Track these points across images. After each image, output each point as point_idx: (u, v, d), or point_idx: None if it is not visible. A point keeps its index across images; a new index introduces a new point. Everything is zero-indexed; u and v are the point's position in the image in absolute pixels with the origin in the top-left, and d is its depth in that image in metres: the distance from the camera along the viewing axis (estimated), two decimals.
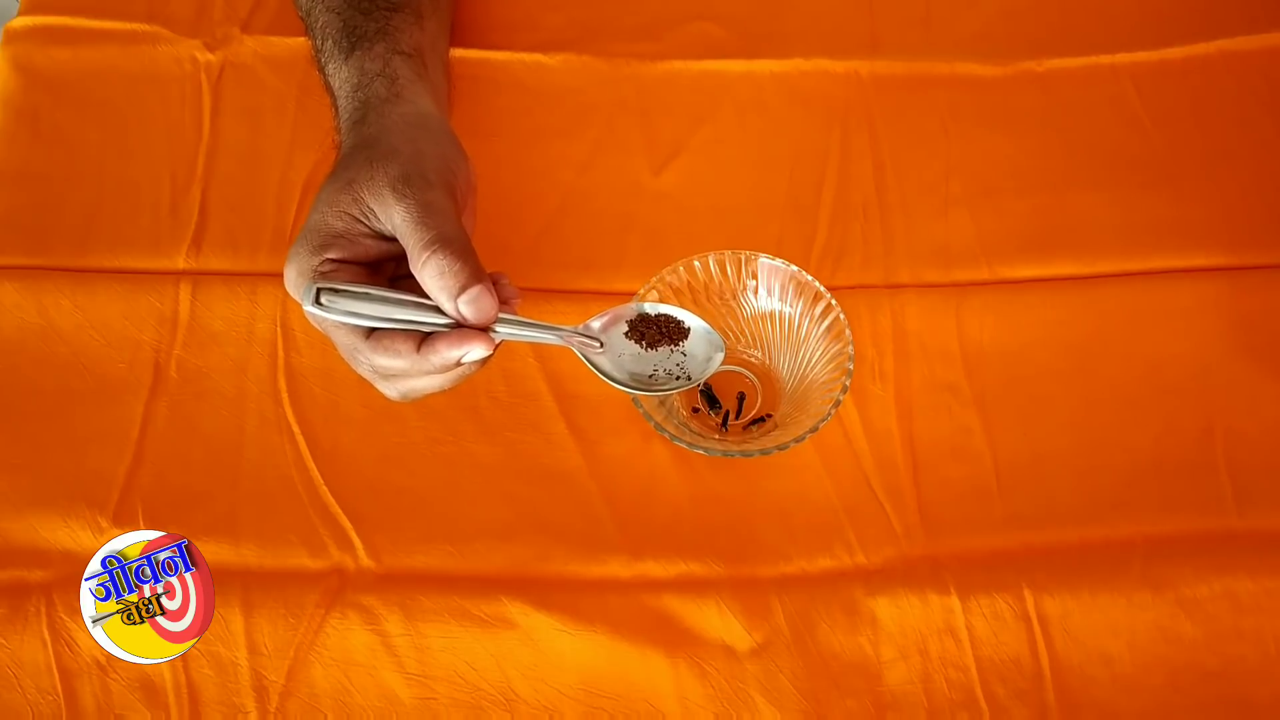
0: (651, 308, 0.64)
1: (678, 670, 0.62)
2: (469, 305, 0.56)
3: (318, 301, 0.56)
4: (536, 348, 0.69)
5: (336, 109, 0.68)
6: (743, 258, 0.69)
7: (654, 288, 0.68)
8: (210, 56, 0.79)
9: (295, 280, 0.59)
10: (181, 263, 0.72)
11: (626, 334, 0.64)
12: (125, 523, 0.65)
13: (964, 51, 0.79)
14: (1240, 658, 0.62)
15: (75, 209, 0.74)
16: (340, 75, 0.68)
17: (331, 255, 0.59)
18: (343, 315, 0.57)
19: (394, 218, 0.58)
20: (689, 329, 0.64)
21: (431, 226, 0.57)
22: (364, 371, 0.61)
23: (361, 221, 0.59)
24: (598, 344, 0.62)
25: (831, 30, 0.81)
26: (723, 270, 0.69)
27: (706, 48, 0.80)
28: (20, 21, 0.80)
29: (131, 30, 0.79)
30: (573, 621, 0.62)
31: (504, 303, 0.58)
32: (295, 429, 0.68)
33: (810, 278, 0.67)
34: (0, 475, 0.66)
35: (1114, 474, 0.66)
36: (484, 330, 0.57)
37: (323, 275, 0.58)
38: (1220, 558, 0.63)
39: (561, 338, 0.61)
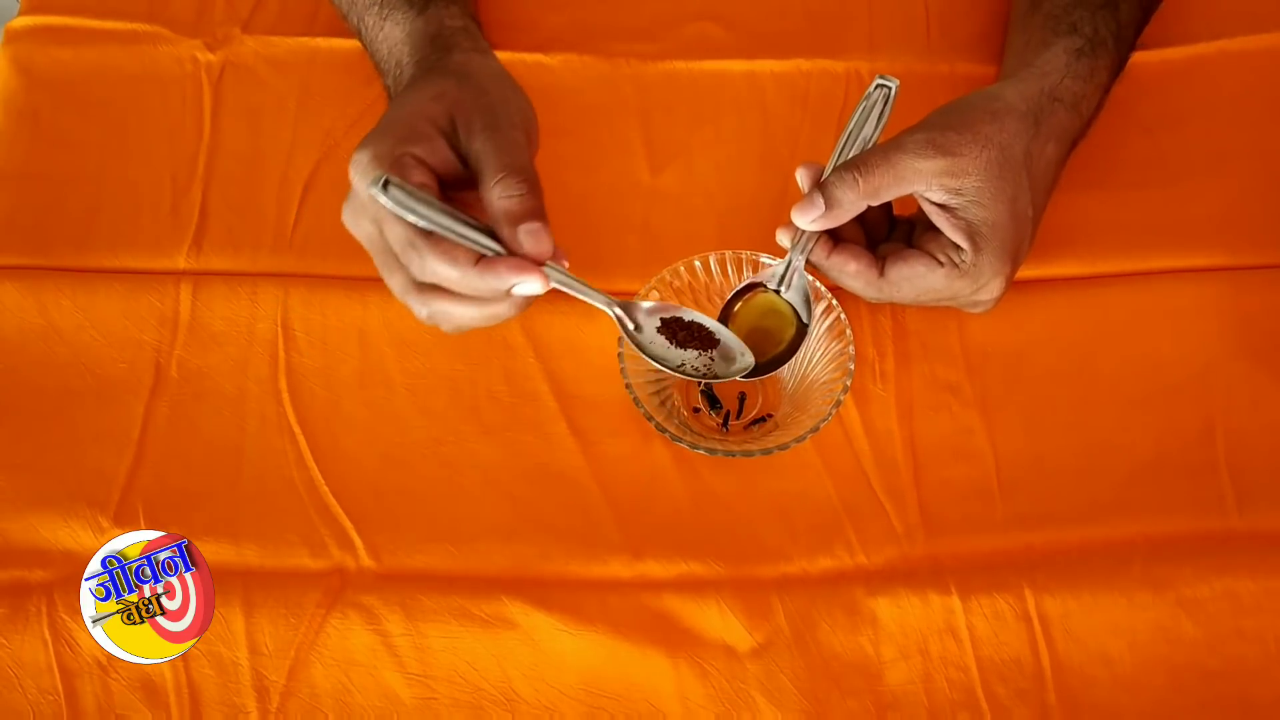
0: (687, 313, 0.65)
1: (679, 670, 0.62)
2: (528, 235, 0.57)
3: (385, 191, 0.56)
4: (538, 347, 0.69)
5: (382, 55, 0.70)
6: (743, 257, 0.69)
7: (654, 288, 0.68)
8: (211, 56, 0.79)
9: (367, 164, 0.58)
10: (182, 263, 0.72)
11: (659, 329, 0.64)
12: (126, 523, 0.65)
13: (964, 51, 0.79)
14: (1241, 658, 0.62)
15: (76, 209, 0.74)
16: (412, 25, 0.69)
17: (414, 151, 0.59)
18: (407, 210, 0.56)
19: (475, 142, 0.59)
20: (720, 340, 0.65)
21: (512, 156, 0.59)
22: (399, 283, 0.60)
23: (445, 134, 0.60)
24: (632, 324, 0.63)
25: (831, 30, 0.81)
26: (723, 270, 0.69)
27: (706, 48, 0.80)
28: (21, 21, 0.80)
29: (132, 30, 0.79)
30: (573, 621, 0.62)
31: (555, 258, 0.59)
32: (296, 429, 0.68)
33: (811, 278, 0.67)
34: (1, 475, 0.66)
35: (1115, 474, 0.66)
36: (538, 266, 0.58)
37: (397, 167, 0.58)
38: (1221, 558, 0.63)
39: (605, 304, 0.62)
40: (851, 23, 0.81)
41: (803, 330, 0.66)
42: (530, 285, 0.57)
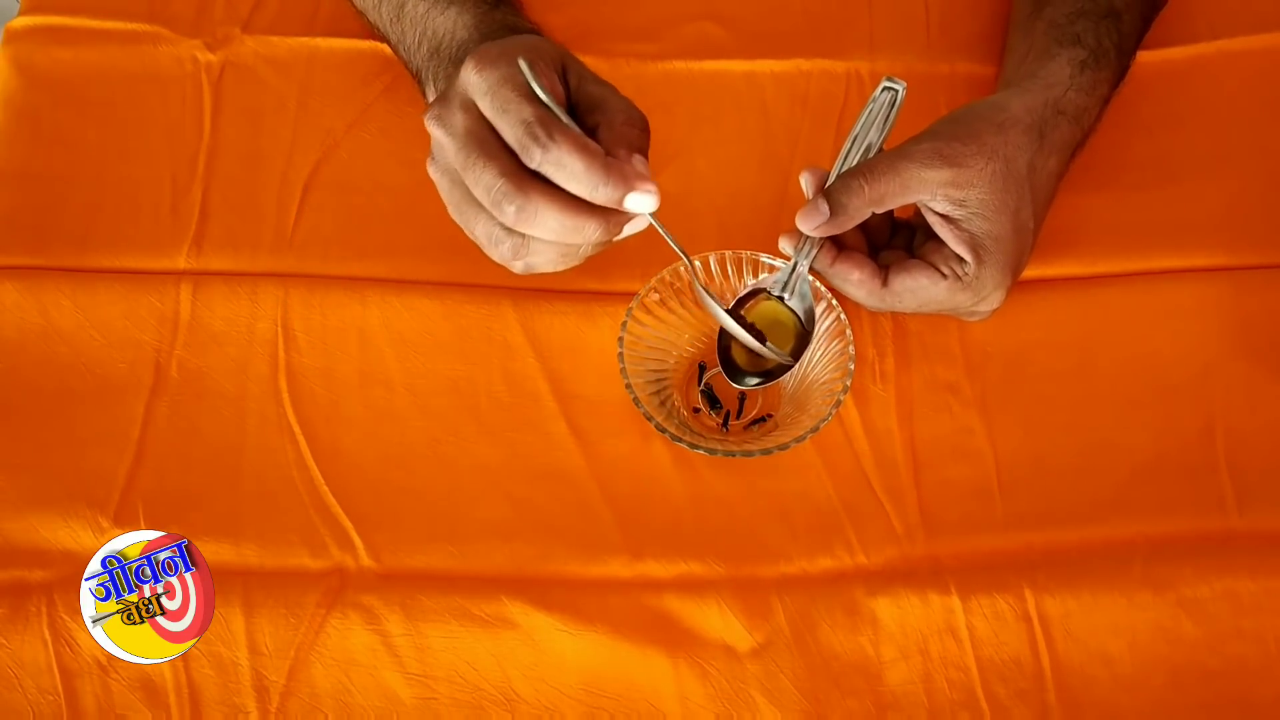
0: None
1: (678, 670, 0.62)
2: (641, 163, 0.58)
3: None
4: (538, 347, 0.69)
5: (439, 35, 0.69)
6: (743, 257, 0.69)
7: (654, 288, 0.68)
8: (211, 56, 0.79)
9: (497, 51, 0.59)
10: (182, 263, 0.72)
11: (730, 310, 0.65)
12: (126, 523, 0.65)
13: (964, 51, 0.79)
14: (1241, 658, 0.62)
15: (76, 209, 0.74)
16: (488, 16, 0.68)
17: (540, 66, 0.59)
18: (547, 96, 0.57)
19: (592, 87, 0.62)
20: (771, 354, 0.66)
21: (634, 108, 0.61)
22: (492, 175, 0.58)
23: (553, 67, 0.61)
24: (703, 287, 0.64)
25: (831, 30, 0.81)
26: (723, 270, 0.69)
27: (706, 48, 0.80)
28: (21, 21, 0.80)
29: (132, 30, 0.79)
30: (573, 621, 0.62)
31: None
32: (296, 429, 0.68)
33: (813, 279, 0.67)
34: (0, 475, 0.66)
35: (1115, 474, 0.66)
36: (656, 190, 0.58)
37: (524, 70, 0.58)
38: (1221, 558, 0.63)
39: (684, 255, 0.63)
40: (852, 23, 0.81)
41: (806, 338, 0.66)
42: (645, 200, 0.58)
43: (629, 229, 0.61)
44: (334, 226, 0.73)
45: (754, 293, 0.67)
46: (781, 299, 0.66)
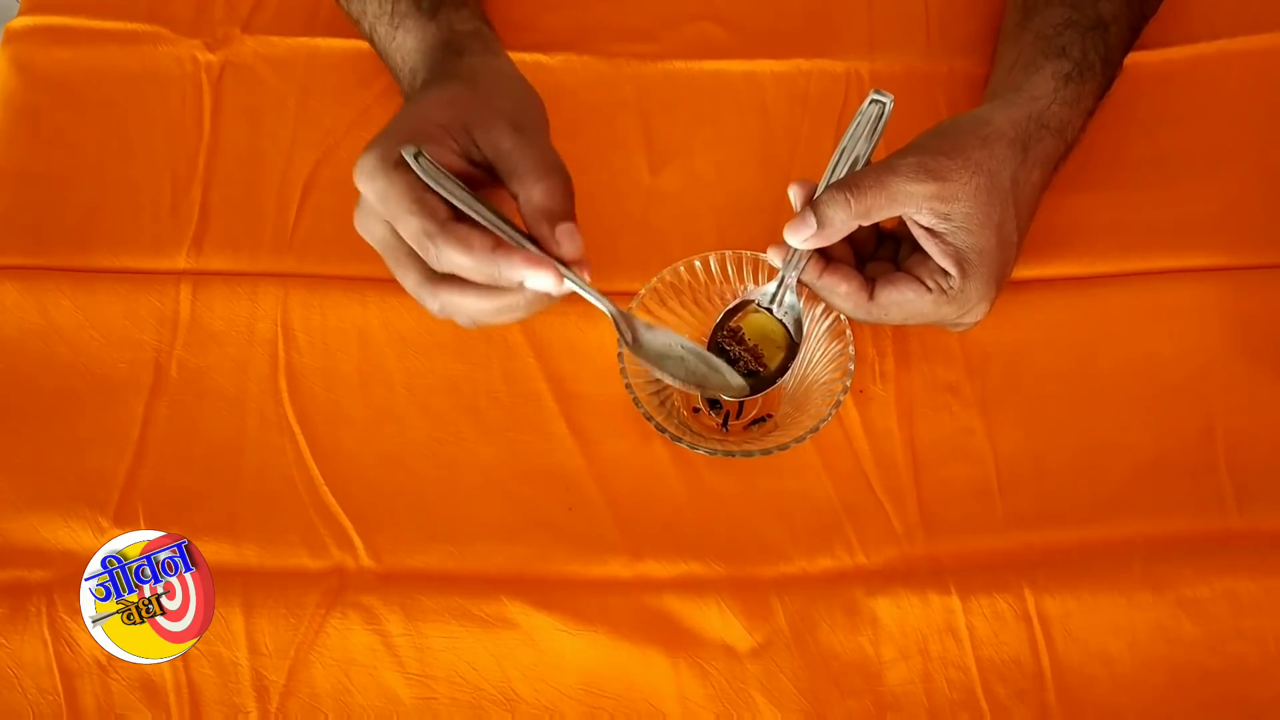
0: (687, 344, 0.65)
1: (678, 670, 0.62)
2: (566, 235, 0.58)
3: (417, 161, 0.56)
4: (538, 347, 0.69)
5: (397, 64, 0.70)
6: (743, 257, 0.69)
7: (654, 288, 0.68)
8: (211, 56, 0.79)
9: (373, 168, 0.58)
10: (182, 263, 0.72)
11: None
12: (126, 523, 0.65)
13: (964, 51, 0.79)
14: (1241, 658, 0.62)
15: (75, 209, 0.74)
16: (424, 32, 0.69)
17: (425, 148, 0.58)
18: (435, 182, 0.56)
19: (504, 141, 0.60)
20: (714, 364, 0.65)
21: (549, 156, 0.60)
22: (413, 279, 0.60)
23: (454, 138, 0.60)
24: (629, 336, 0.63)
25: (831, 30, 0.81)
26: (723, 270, 0.69)
27: (706, 48, 0.80)
28: (20, 21, 0.80)
29: (132, 30, 0.79)
30: (573, 621, 0.62)
31: (578, 263, 0.59)
32: (296, 429, 0.68)
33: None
34: (0, 475, 0.66)
35: (1115, 474, 0.66)
36: (555, 266, 0.57)
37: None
38: (1221, 558, 0.63)
39: (610, 311, 0.61)
40: (851, 23, 0.81)
41: (794, 350, 0.66)
42: (543, 280, 0.57)
43: (564, 289, 0.59)
44: (334, 226, 0.73)
45: (742, 304, 0.67)
46: (770, 311, 0.66)
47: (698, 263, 0.69)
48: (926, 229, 0.62)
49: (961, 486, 0.66)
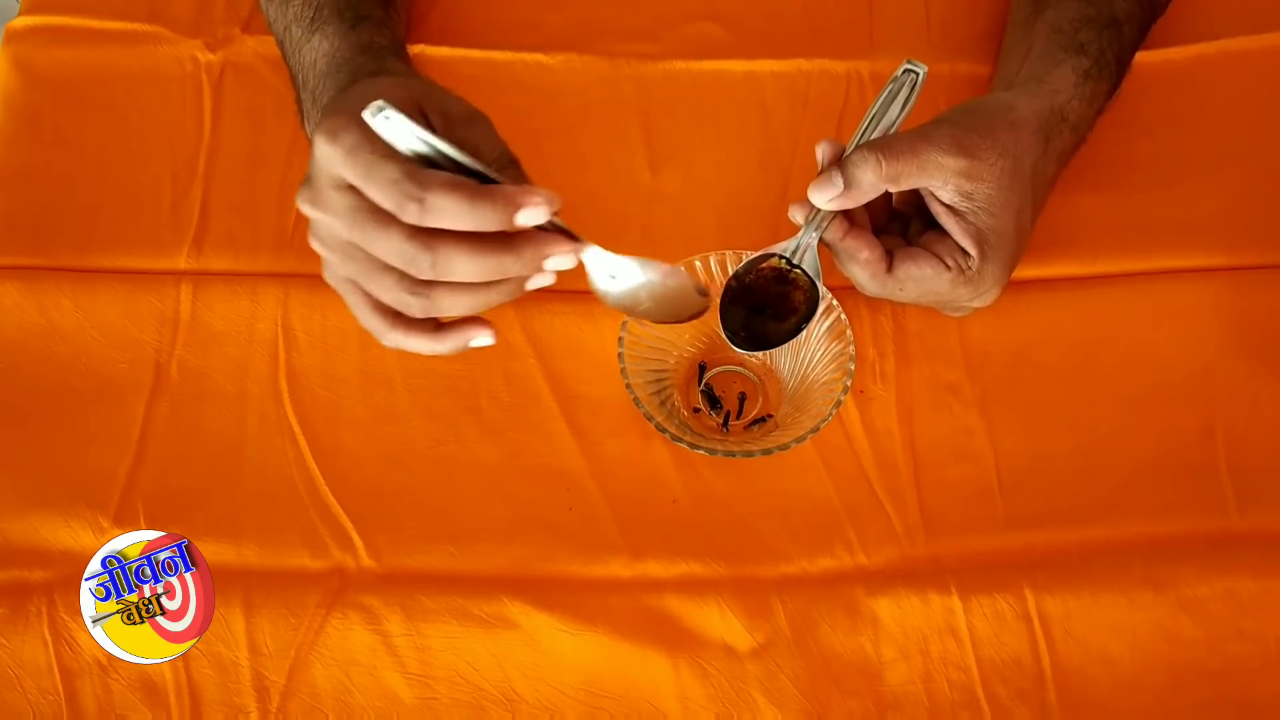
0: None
1: (679, 670, 0.62)
2: (531, 188, 0.54)
3: (384, 114, 0.52)
4: (538, 347, 0.69)
5: (306, 63, 0.69)
6: (743, 257, 0.69)
7: None
8: (211, 56, 0.79)
9: (343, 120, 0.54)
10: (182, 263, 0.72)
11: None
12: (126, 523, 0.65)
13: (964, 51, 0.79)
14: (1241, 658, 0.62)
15: (76, 209, 0.74)
16: (343, 38, 0.67)
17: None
18: (410, 131, 0.52)
19: (457, 130, 0.59)
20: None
21: (506, 149, 0.60)
22: (394, 241, 0.54)
23: (409, 112, 0.55)
24: (611, 276, 0.60)
25: (831, 30, 0.81)
26: (723, 270, 0.69)
27: (706, 48, 0.80)
28: (21, 21, 0.80)
29: (132, 30, 0.79)
30: (574, 621, 0.62)
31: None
32: (296, 429, 0.68)
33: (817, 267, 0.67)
34: (1, 475, 0.66)
35: (1115, 474, 0.66)
36: (544, 194, 0.54)
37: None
38: (1221, 558, 0.63)
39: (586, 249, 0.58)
40: (852, 23, 0.81)
41: (813, 307, 0.64)
42: (535, 213, 0.53)
43: (549, 269, 0.57)
44: None
45: (765, 257, 0.65)
46: (790, 263, 0.64)
47: (698, 263, 0.69)
48: (947, 206, 0.62)
49: (962, 486, 0.66)
